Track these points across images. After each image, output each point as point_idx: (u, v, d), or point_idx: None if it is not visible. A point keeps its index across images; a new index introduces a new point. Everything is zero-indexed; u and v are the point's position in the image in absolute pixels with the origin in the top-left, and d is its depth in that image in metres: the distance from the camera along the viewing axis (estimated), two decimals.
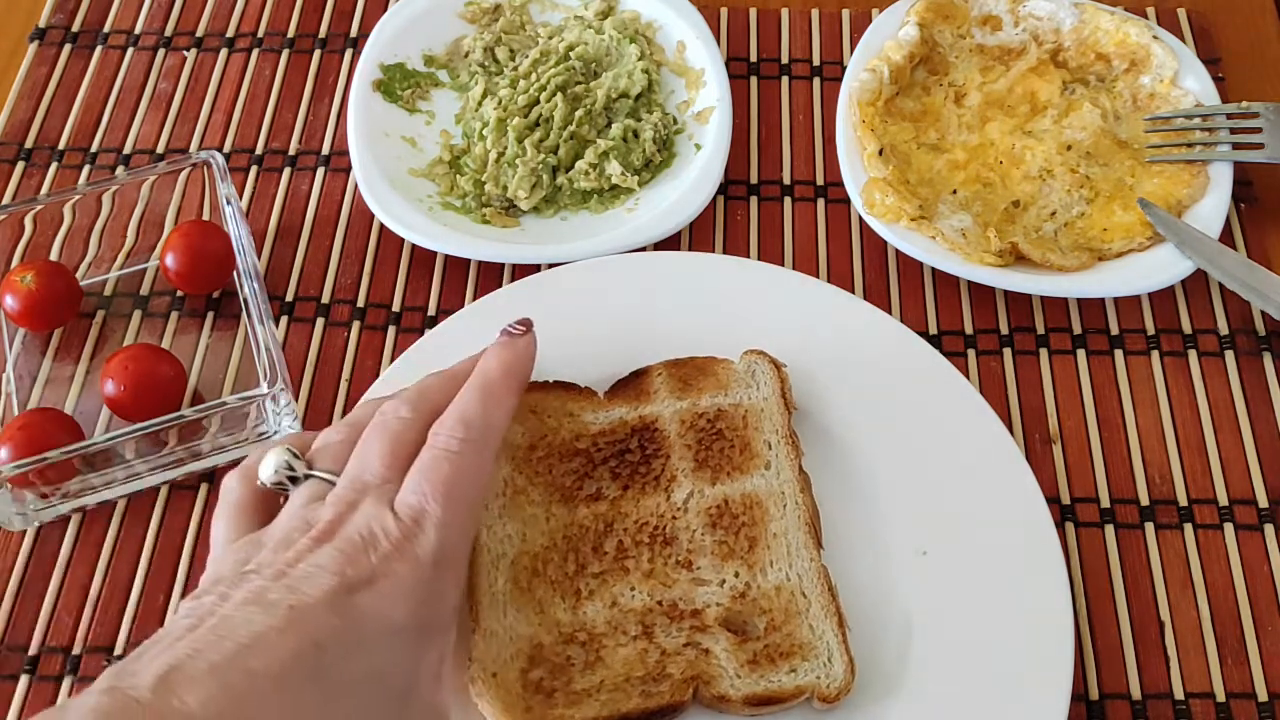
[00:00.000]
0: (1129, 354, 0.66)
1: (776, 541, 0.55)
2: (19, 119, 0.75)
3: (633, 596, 0.53)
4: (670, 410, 0.58)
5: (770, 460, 0.57)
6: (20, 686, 0.56)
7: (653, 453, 0.57)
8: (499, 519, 0.54)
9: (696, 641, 0.52)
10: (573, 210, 0.71)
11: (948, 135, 0.71)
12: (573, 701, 0.50)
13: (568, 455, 0.57)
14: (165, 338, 0.67)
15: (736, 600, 0.53)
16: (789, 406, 0.58)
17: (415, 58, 0.76)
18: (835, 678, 0.51)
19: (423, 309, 0.68)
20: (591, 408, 0.59)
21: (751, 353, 0.60)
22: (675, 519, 0.55)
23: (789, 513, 0.55)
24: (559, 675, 0.51)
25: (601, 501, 0.56)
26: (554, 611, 0.53)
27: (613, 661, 0.51)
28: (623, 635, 0.52)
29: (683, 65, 0.76)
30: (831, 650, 0.52)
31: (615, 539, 0.55)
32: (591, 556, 0.54)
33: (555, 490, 0.56)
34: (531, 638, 0.52)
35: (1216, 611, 0.58)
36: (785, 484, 0.56)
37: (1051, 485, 0.61)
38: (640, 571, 0.54)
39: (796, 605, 0.53)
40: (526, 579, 0.53)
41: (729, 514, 0.55)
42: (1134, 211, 0.67)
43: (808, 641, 0.52)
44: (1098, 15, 0.74)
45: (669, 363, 0.60)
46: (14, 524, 0.60)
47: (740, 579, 0.54)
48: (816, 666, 0.51)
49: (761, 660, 0.51)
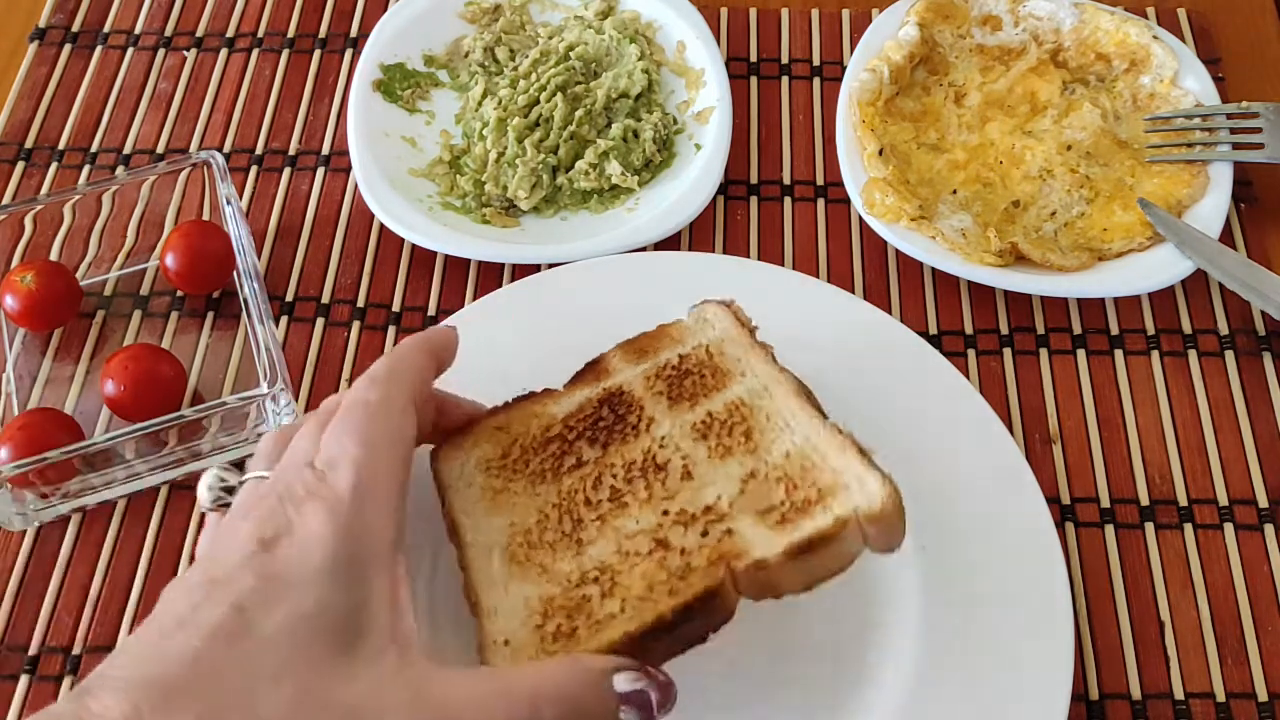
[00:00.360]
0: (1129, 354, 0.66)
1: (770, 422, 0.50)
2: (19, 119, 0.75)
3: (637, 523, 0.49)
4: (633, 374, 0.56)
5: (744, 370, 0.53)
6: (20, 686, 0.56)
7: (625, 412, 0.54)
8: (485, 519, 0.52)
9: (717, 528, 0.47)
10: (573, 210, 0.71)
11: (948, 135, 0.71)
12: (597, 630, 0.45)
13: (540, 446, 0.54)
14: (165, 338, 0.67)
15: (746, 483, 0.49)
16: (747, 326, 0.56)
17: (415, 58, 0.76)
18: (873, 496, 0.45)
19: (423, 309, 0.68)
20: (553, 401, 0.56)
21: (699, 303, 0.58)
22: (662, 448, 0.51)
23: (775, 393, 0.51)
24: (577, 614, 0.46)
25: (584, 466, 0.52)
26: (557, 567, 0.49)
27: (631, 581, 0.46)
28: (636, 556, 0.47)
29: (683, 65, 0.76)
30: (861, 475, 0.46)
31: (605, 488, 0.51)
32: (585, 511, 0.50)
33: (536, 477, 0.53)
34: (539, 595, 0.48)
35: (1216, 611, 0.58)
36: (763, 377, 0.52)
37: (1051, 485, 0.61)
38: (638, 501, 0.49)
39: (810, 460, 0.48)
40: (524, 553, 0.50)
41: (716, 422, 0.52)
42: (1134, 211, 0.67)
43: (832, 481, 0.46)
44: (1098, 15, 0.74)
45: (621, 344, 0.58)
46: (14, 524, 0.60)
47: (745, 467, 0.49)
48: (851, 496, 0.45)
49: (790, 516, 0.46)
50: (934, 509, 0.57)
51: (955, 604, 0.55)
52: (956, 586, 0.55)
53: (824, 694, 0.54)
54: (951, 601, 0.55)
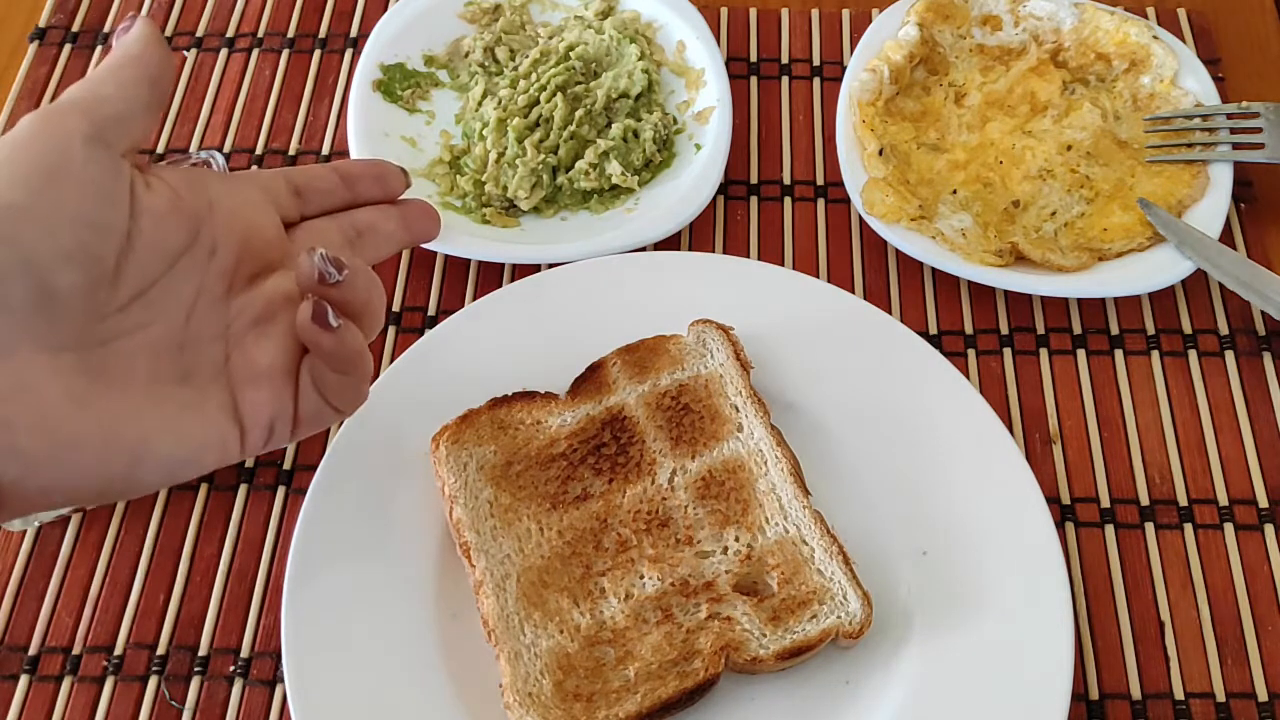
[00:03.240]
0: (1129, 354, 0.66)
1: (767, 498, 0.56)
2: (19, 119, 0.75)
3: (645, 584, 0.54)
4: (634, 396, 0.59)
5: (741, 422, 0.58)
6: (20, 686, 0.56)
7: (627, 441, 0.58)
8: (494, 540, 0.55)
9: (717, 612, 0.53)
10: (573, 210, 0.71)
11: (948, 135, 0.71)
12: (613, 701, 0.51)
13: (545, 463, 0.58)
14: None
15: (744, 564, 0.55)
16: (745, 366, 0.60)
17: (415, 58, 0.76)
18: (854, 615, 0.53)
19: (423, 309, 0.68)
20: (557, 411, 0.59)
21: (698, 323, 0.61)
22: (665, 500, 0.56)
23: (771, 468, 0.57)
24: (594, 679, 0.52)
25: (590, 500, 0.57)
26: (571, 618, 0.53)
27: (642, 651, 0.52)
28: (645, 624, 0.53)
29: (683, 65, 0.76)
30: (845, 589, 0.53)
31: (613, 533, 0.56)
32: (595, 555, 0.55)
33: (542, 499, 0.57)
34: (556, 649, 0.52)
35: (1216, 611, 0.58)
36: (760, 442, 0.58)
37: (1051, 485, 0.61)
38: (646, 559, 0.55)
39: (800, 554, 0.55)
40: (536, 592, 0.54)
41: (714, 483, 0.57)
42: (1134, 211, 0.67)
43: (821, 586, 0.54)
44: (1098, 15, 0.74)
45: (621, 350, 0.61)
46: (14, 524, 0.60)
47: (741, 542, 0.55)
48: (835, 608, 0.53)
49: (782, 614, 0.53)
50: (934, 509, 0.58)
51: (955, 604, 0.55)
52: (956, 586, 0.55)
53: (824, 694, 0.54)
54: (951, 601, 0.55)
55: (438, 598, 0.55)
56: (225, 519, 0.61)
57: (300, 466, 0.62)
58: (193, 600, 0.58)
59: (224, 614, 0.58)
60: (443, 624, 0.55)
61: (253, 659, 0.57)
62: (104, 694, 0.56)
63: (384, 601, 0.55)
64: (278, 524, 0.60)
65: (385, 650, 0.54)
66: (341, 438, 0.59)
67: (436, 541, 0.57)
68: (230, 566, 0.59)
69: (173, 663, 0.57)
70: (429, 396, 0.60)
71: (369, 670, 0.53)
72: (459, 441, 0.57)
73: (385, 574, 0.56)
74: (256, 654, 0.57)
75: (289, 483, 0.62)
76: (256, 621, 0.58)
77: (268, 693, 0.56)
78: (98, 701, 0.56)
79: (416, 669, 0.53)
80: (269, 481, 0.62)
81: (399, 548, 0.56)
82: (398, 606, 0.55)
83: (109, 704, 0.56)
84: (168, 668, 0.57)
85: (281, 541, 0.60)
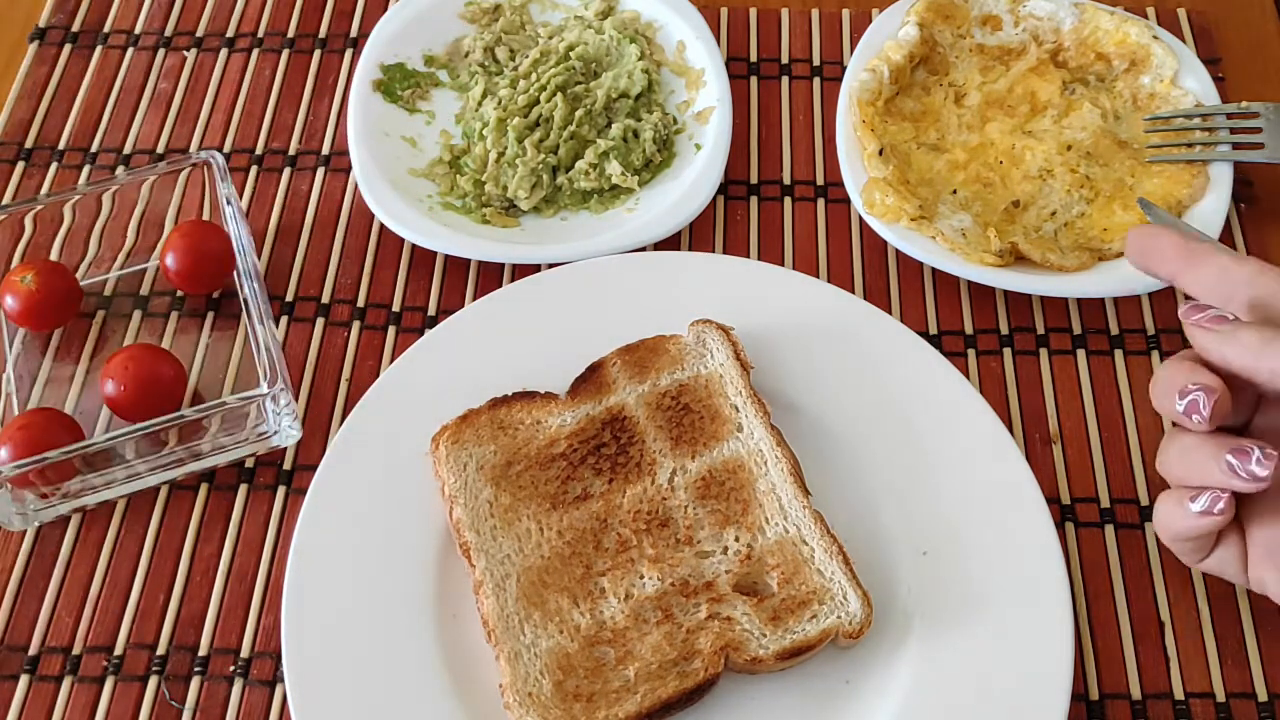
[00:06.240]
0: (1129, 354, 0.66)
1: (767, 498, 0.56)
2: (19, 119, 0.75)
3: (644, 584, 0.54)
4: (634, 396, 0.59)
5: (740, 422, 0.58)
6: (20, 686, 0.56)
7: (627, 441, 0.58)
8: (494, 541, 0.55)
9: (717, 612, 0.53)
10: (573, 210, 0.71)
11: (948, 135, 0.71)
12: (613, 701, 0.51)
13: (546, 463, 0.58)
14: (165, 338, 0.67)
15: (744, 563, 0.55)
16: (745, 366, 0.60)
17: (415, 58, 0.76)
18: (854, 615, 0.53)
19: (423, 309, 0.68)
20: (557, 411, 0.59)
21: (698, 323, 0.61)
22: (665, 500, 0.56)
23: (771, 468, 0.57)
24: (594, 679, 0.52)
25: (590, 500, 0.57)
26: (571, 618, 0.53)
27: (642, 651, 0.52)
28: (644, 624, 0.53)
29: (683, 65, 0.76)
30: (845, 589, 0.53)
31: (613, 533, 0.56)
32: (595, 555, 0.55)
33: (543, 499, 0.57)
34: (556, 649, 0.53)
35: (1216, 611, 0.58)
36: (760, 442, 0.58)
37: (1051, 485, 0.61)
38: (646, 559, 0.55)
39: (801, 554, 0.55)
40: (536, 592, 0.54)
41: (715, 483, 0.57)
42: (1134, 211, 0.67)
43: (821, 586, 0.54)
44: (1098, 15, 0.74)
45: (621, 350, 0.61)
46: (14, 524, 0.60)
47: (741, 542, 0.55)
48: (835, 608, 0.53)
49: (782, 614, 0.53)
50: (934, 509, 0.58)
51: (955, 603, 0.55)
52: (956, 586, 0.55)
53: (824, 694, 0.54)
54: (951, 601, 0.55)
55: (438, 598, 0.55)
56: (225, 519, 0.61)
57: (300, 466, 0.62)
58: (193, 600, 0.58)
59: (224, 614, 0.58)
60: (443, 624, 0.55)
61: (253, 659, 0.57)
62: (104, 694, 0.56)
63: (384, 601, 0.55)
64: (278, 524, 0.60)
65: (385, 650, 0.54)
66: (341, 438, 0.59)
67: (436, 541, 0.57)
68: (230, 566, 0.59)
69: (173, 663, 0.57)
70: (429, 396, 0.60)
71: (369, 670, 0.53)
72: (459, 441, 0.57)
73: (385, 574, 0.56)
74: (256, 654, 0.57)
75: (289, 483, 0.62)
76: (256, 621, 0.58)
77: (268, 693, 0.56)
78: (98, 702, 0.56)
79: (416, 669, 0.53)
80: (269, 481, 0.62)
81: (399, 548, 0.56)
82: (398, 606, 0.55)
83: (109, 704, 0.56)
84: (168, 668, 0.57)
85: (281, 541, 0.60)
